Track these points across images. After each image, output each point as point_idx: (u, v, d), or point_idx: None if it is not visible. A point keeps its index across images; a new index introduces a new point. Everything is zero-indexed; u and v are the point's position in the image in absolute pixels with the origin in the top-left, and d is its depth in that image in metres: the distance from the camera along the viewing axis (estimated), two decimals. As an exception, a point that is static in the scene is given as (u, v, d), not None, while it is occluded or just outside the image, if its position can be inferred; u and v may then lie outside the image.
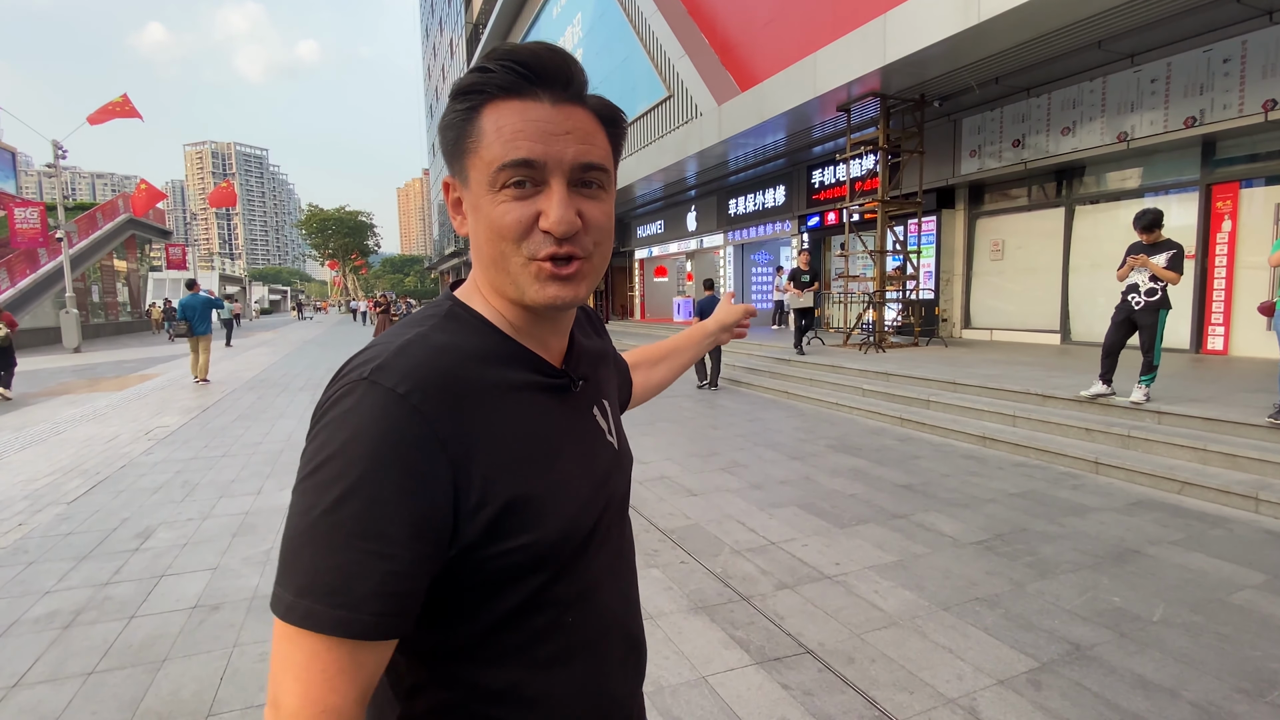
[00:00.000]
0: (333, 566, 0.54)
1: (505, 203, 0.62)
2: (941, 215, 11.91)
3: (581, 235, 0.64)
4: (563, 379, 0.72)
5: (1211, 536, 3.70)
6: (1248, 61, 7.40)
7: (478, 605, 0.63)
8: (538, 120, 0.62)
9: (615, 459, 0.78)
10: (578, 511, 0.68)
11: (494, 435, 0.62)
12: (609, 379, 0.87)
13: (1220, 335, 8.36)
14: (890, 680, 2.40)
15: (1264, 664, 2.46)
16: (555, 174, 0.62)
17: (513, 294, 0.66)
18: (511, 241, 0.63)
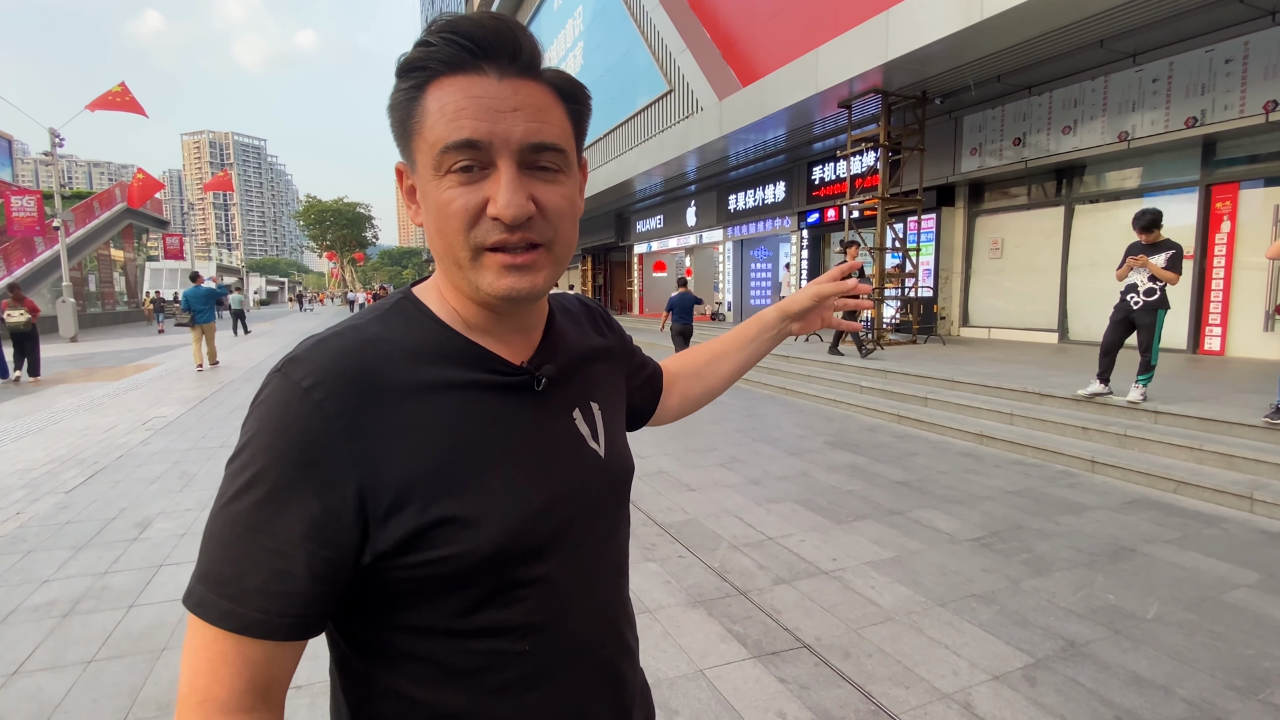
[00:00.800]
0: (228, 558, 0.53)
1: (451, 189, 0.57)
2: (941, 213, 11.91)
3: (538, 221, 0.58)
4: (521, 376, 0.65)
5: (1206, 536, 3.72)
6: (1249, 62, 7.41)
7: (407, 622, 0.60)
8: (482, 97, 0.56)
9: (598, 467, 0.70)
10: (521, 524, 0.60)
11: (415, 436, 0.57)
12: (605, 380, 0.78)
13: (1217, 336, 8.39)
14: (886, 675, 2.42)
15: (1257, 662, 2.48)
16: (502, 155, 0.57)
17: (467, 288, 0.61)
18: (459, 231, 0.57)
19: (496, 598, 0.60)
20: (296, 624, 0.54)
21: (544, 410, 0.67)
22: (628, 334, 0.91)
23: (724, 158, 14.96)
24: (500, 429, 0.62)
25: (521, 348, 0.68)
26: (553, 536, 0.63)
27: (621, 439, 0.78)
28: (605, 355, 0.81)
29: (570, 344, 0.74)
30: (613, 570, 0.73)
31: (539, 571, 0.62)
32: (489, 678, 0.61)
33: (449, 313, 0.64)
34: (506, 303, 0.61)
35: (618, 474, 0.74)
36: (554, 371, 0.67)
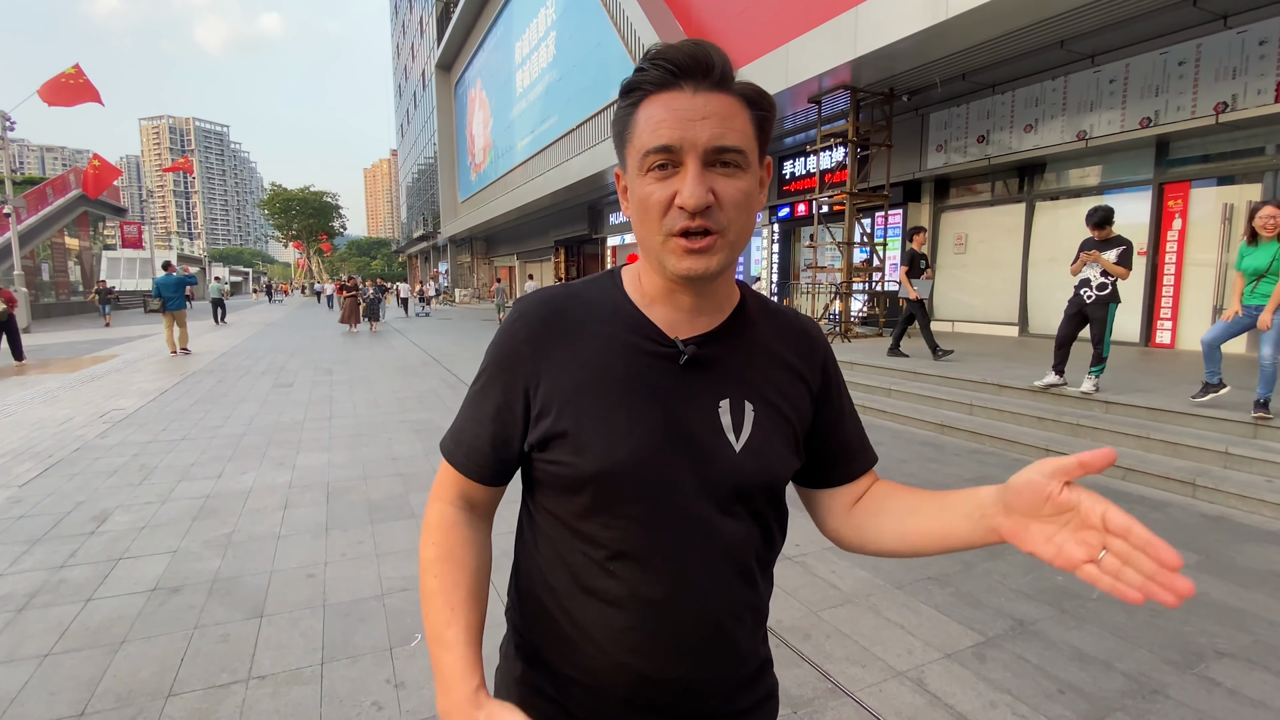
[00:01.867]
0: (460, 418, 0.85)
1: (650, 184, 0.70)
2: (908, 208, 12.13)
3: (715, 211, 0.69)
4: (667, 348, 0.77)
5: (1151, 520, 3.89)
6: (1201, 64, 7.68)
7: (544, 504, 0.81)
8: (679, 109, 0.69)
9: (724, 459, 0.75)
10: (620, 462, 0.73)
11: (569, 366, 0.77)
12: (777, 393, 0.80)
13: (1168, 329, 8.72)
14: (844, 655, 2.50)
15: (1193, 638, 2.62)
16: (690, 155, 0.69)
17: (657, 266, 0.75)
18: (655, 219, 0.71)
19: (598, 514, 0.76)
20: (481, 473, 0.83)
21: (686, 385, 0.77)
22: (841, 378, 0.90)
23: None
24: (634, 383, 0.76)
25: (688, 327, 0.79)
26: (648, 487, 0.74)
27: (775, 449, 0.78)
28: (790, 370, 0.82)
29: (750, 344, 0.82)
30: (720, 560, 0.76)
31: (632, 512, 0.74)
32: (583, 577, 0.77)
33: (635, 286, 0.81)
34: (686, 281, 0.73)
35: (750, 474, 0.76)
36: (696, 352, 0.77)
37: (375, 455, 5.30)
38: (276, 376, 9.72)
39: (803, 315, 0.90)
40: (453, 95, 41.25)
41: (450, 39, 36.65)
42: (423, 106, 49.11)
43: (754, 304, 0.85)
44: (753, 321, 0.83)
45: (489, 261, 41.94)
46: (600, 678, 0.78)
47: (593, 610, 0.76)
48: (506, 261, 37.99)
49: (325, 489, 4.45)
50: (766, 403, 0.80)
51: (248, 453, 5.37)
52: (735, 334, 0.81)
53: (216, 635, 2.60)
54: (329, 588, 3.02)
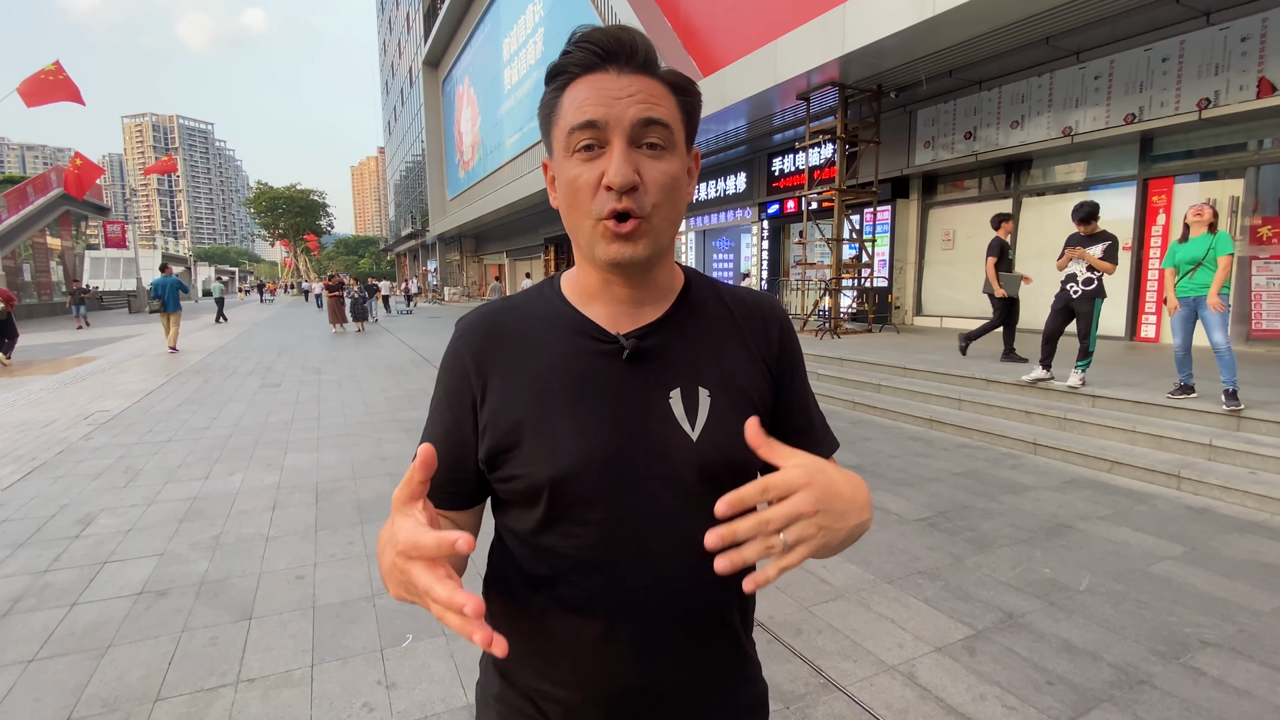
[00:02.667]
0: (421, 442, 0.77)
1: (576, 166, 0.69)
2: (896, 205, 12.18)
3: (640, 194, 0.67)
4: (610, 344, 0.75)
5: (1136, 512, 3.94)
6: (1185, 61, 7.75)
7: (505, 523, 0.79)
8: (605, 88, 0.68)
9: (683, 448, 0.72)
10: (574, 468, 0.70)
11: (512, 378, 0.75)
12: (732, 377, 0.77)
13: (1153, 323, 8.82)
14: (835, 649, 2.51)
15: (1179, 629, 2.65)
16: (615, 132, 0.67)
17: (589, 257, 0.73)
18: (584, 202, 0.69)
19: (557, 524, 0.73)
20: (439, 497, 0.76)
21: (634, 379, 0.74)
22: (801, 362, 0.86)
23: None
24: (579, 387, 0.73)
25: (631, 320, 0.77)
26: (604, 489, 0.71)
27: (736, 432, 0.69)
28: (746, 350, 0.80)
29: (698, 328, 0.79)
30: (695, 557, 0.68)
31: (592, 516, 0.72)
32: (552, 590, 0.74)
33: (573, 288, 0.79)
34: (615, 268, 0.71)
35: (710, 461, 0.73)
36: (639, 345, 0.75)
37: (364, 455, 5.27)
38: (264, 376, 9.63)
39: (760, 293, 0.86)
40: (440, 92, 41.01)
41: (437, 36, 36.43)
42: (410, 103, 48.79)
43: (702, 288, 0.83)
44: (700, 306, 0.80)
45: (478, 259, 41.76)
46: (579, 691, 0.75)
47: (565, 623, 0.74)
48: (496, 259, 37.83)
49: (314, 489, 4.42)
50: (723, 387, 0.76)
51: (235, 454, 5.32)
52: (681, 320, 0.78)
53: (205, 638, 2.58)
54: (318, 589, 3.00)
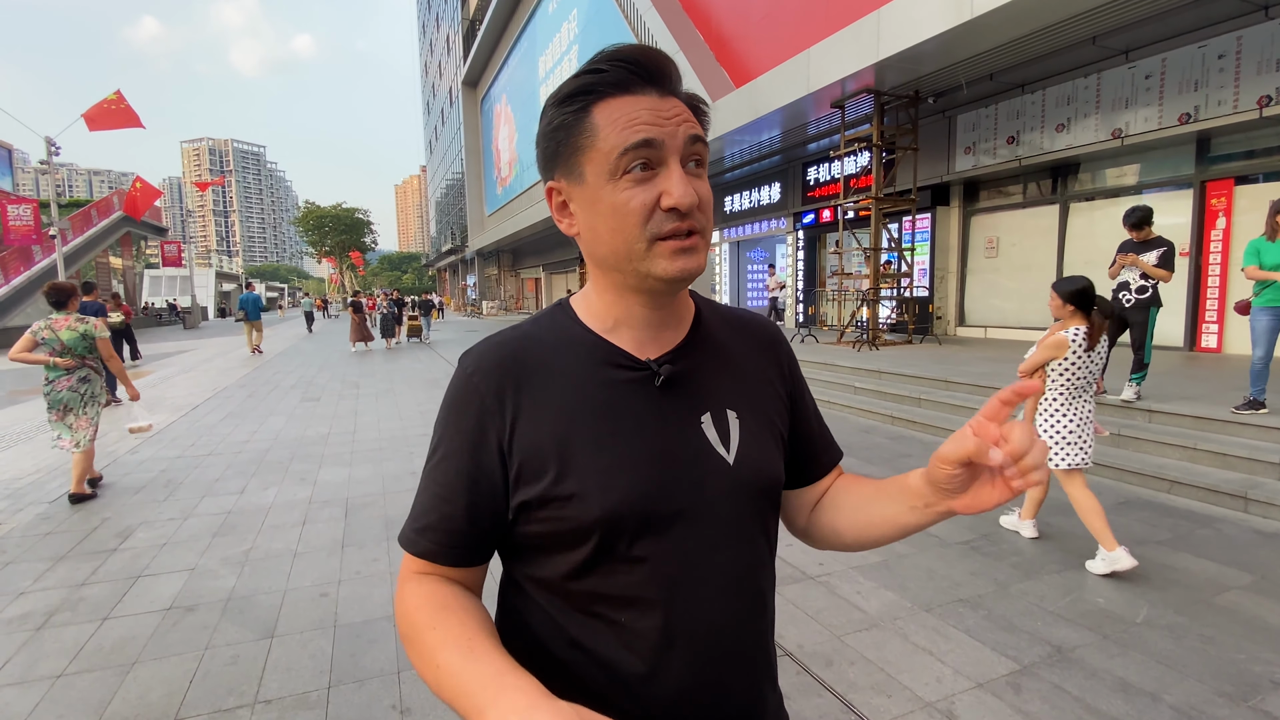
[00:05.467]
0: (419, 502, 0.73)
1: (628, 189, 0.65)
2: (936, 212, 11.87)
3: (697, 212, 0.67)
4: (642, 370, 0.72)
5: (1199, 536, 3.68)
6: (1242, 57, 7.37)
7: (532, 573, 0.73)
8: (650, 108, 0.66)
9: (722, 473, 0.72)
10: (620, 505, 0.67)
11: (543, 414, 0.69)
12: (753, 396, 0.78)
13: (1214, 333, 8.34)
14: (869, 683, 2.38)
15: (1247, 667, 2.44)
16: (672, 153, 0.66)
17: (634, 279, 0.69)
18: (638, 225, 0.65)
19: (600, 565, 0.68)
20: (459, 555, 0.71)
21: (667, 407, 0.72)
22: (802, 376, 0.89)
23: (719, 159, 14.93)
24: (615, 417, 0.70)
25: (656, 345, 0.74)
26: (653, 523, 0.68)
27: (766, 453, 0.76)
28: (760, 372, 0.81)
29: (715, 351, 0.78)
30: (735, 579, 0.73)
31: (639, 552, 0.68)
32: (592, 641, 0.69)
33: (591, 314, 0.75)
34: (676, 284, 0.68)
35: (749, 484, 0.74)
36: (672, 370, 0.72)
37: (396, 470, 5.31)
38: (305, 390, 9.86)
39: (757, 314, 0.88)
40: (479, 111, 41.90)
41: (476, 56, 37.28)
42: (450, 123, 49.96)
43: (708, 310, 0.83)
44: (713, 329, 0.80)
45: (516, 274, 42.33)
46: None
47: (603, 670, 0.69)
48: (533, 273, 38.28)
49: (344, 504, 4.46)
50: (748, 408, 0.77)
51: (271, 468, 5.42)
52: (700, 343, 0.77)
53: (227, 657, 2.58)
54: (341, 607, 2.99)
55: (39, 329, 4.42)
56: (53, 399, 4.46)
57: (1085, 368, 3.39)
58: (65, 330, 4.46)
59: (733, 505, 0.72)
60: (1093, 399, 3.50)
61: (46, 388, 4.49)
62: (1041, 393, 3.47)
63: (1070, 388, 3.40)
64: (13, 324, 22.79)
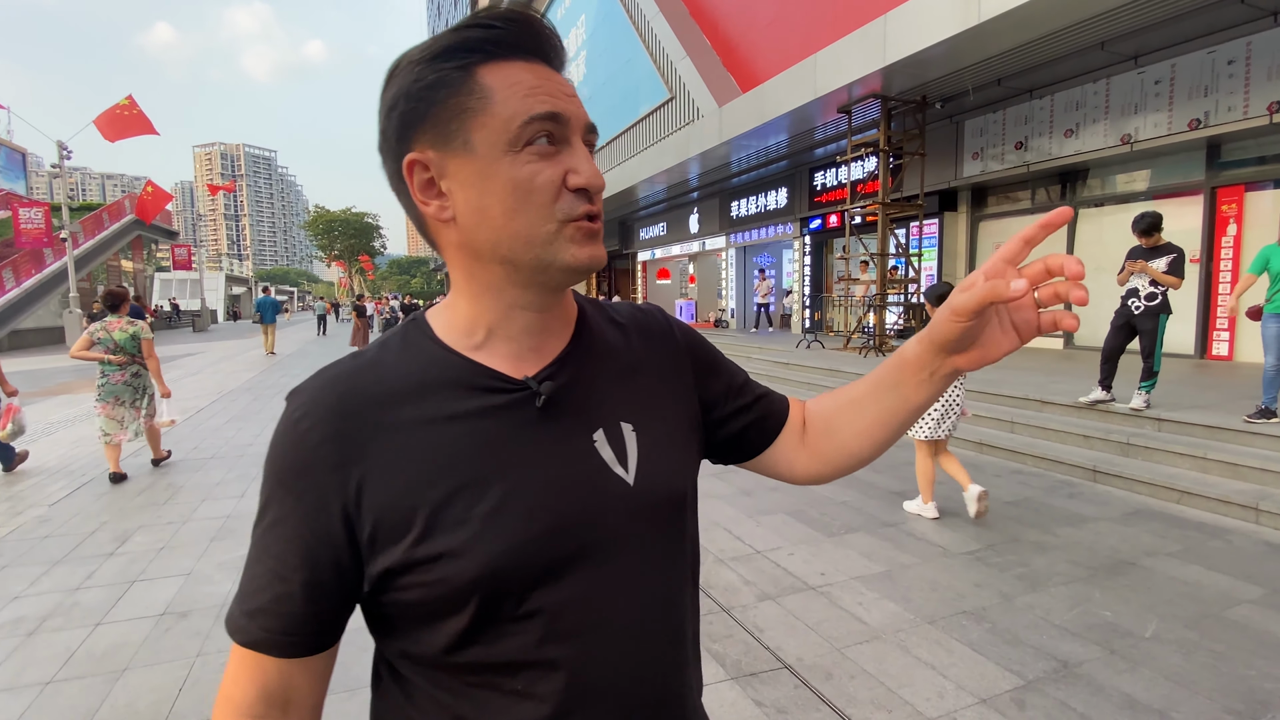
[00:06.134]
0: (248, 577, 0.59)
1: (532, 162, 0.56)
2: (944, 218, 11.80)
3: (598, 198, 0.60)
4: (518, 392, 0.61)
5: (1210, 548, 3.60)
6: (1252, 63, 7.28)
7: (405, 649, 0.61)
8: (549, 79, 0.58)
9: (622, 496, 0.62)
10: (503, 556, 0.56)
11: (397, 459, 0.57)
12: (650, 397, 0.70)
13: (1225, 340, 8.23)
14: (869, 698, 2.32)
15: (1258, 683, 2.37)
16: (575, 131, 0.59)
17: (529, 273, 0.59)
18: (546, 204, 0.57)
19: (485, 631, 0.57)
20: (298, 643, 0.58)
21: (551, 431, 0.61)
22: (713, 347, 0.81)
23: (726, 164, 14.92)
24: (488, 453, 0.59)
25: (538, 358, 0.64)
26: (546, 571, 0.58)
27: (669, 464, 0.68)
28: (655, 369, 0.72)
29: (604, 356, 0.69)
30: (650, 613, 0.64)
31: (532, 607, 0.58)
32: (484, 713, 0.59)
33: (454, 330, 0.63)
34: (580, 275, 0.60)
35: (654, 503, 0.65)
36: (554, 386, 0.62)
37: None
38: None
39: (643, 306, 0.79)
40: (487, 116, 42.11)
41: (484, 61, 37.49)
42: (458, 127, 50.20)
43: (593, 310, 0.73)
44: (599, 330, 0.70)
45: (522, 278, 42.43)
46: None
47: None
48: (539, 278, 38.37)
49: (343, 509, 4.43)
50: (645, 414, 0.68)
51: (272, 471, 5.40)
52: (586, 350, 0.67)
53: (218, 664, 2.56)
54: (336, 614, 2.96)
55: (95, 330, 4.98)
56: (106, 391, 5.04)
57: None
58: (118, 331, 5.02)
59: (639, 530, 0.63)
60: (960, 385, 4.25)
61: (101, 380, 5.06)
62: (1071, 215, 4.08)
63: None
64: (24, 326, 22.99)
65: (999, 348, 0.61)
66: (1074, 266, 0.53)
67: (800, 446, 0.80)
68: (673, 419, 0.71)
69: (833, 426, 0.77)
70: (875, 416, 0.73)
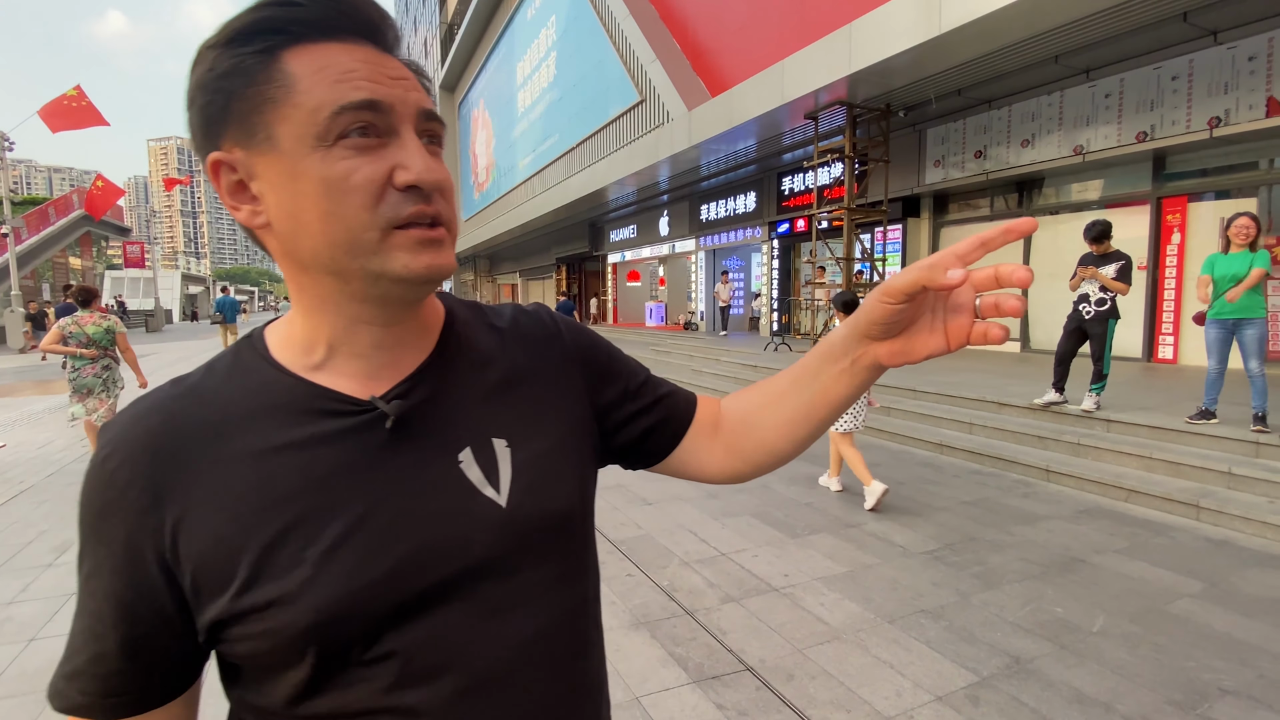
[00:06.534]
0: (70, 636, 0.53)
1: (347, 159, 0.49)
2: (907, 224, 12.05)
3: (439, 197, 0.53)
4: (364, 414, 0.54)
5: (1154, 545, 3.74)
6: (1194, 80, 7.61)
7: (250, 701, 0.55)
8: (369, 61, 0.51)
9: (493, 520, 0.56)
10: (345, 598, 0.50)
11: (219, 498, 0.51)
12: (531, 408, 0.63)
13: (1170, 344, 8.57)
14: (828, 698, 2.35)
15: (1197, 675, 2.47)
16: (405, 121, 0.51)
17: (361, 285, 0.52)
18: (365, 207, 0.49)
19: (333, 680, 0.52)
20: (126, 703, 0.52)
21: (405, 455, 0.55)
22: (609, 347, 0.74)
23: (695, 168, 15.00)
24: (326, 486, 0.52)
25: (390, 372, 0.57)
26: (401, 608, 0.52)
27: (551, 480, 0.61)
28: (538, 376, 0.66)
29: (474, 366, 0.62)
30: (536, 644, 0.58)
31: (386, 649, 0.52)
32: None
33: (291, 348, 0.57)
34: (420, 288, 0.53)
35: (532, 525, 0.58)
36: (406, 405, 0.55)
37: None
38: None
39: (527, 307, 0.72)
40: (457, 115, 41.62)
41: (454, 60, 37.05)
42: (425, 126, 49.52)
43: (465, 315, 0.66)
44: (469, 338, 0.64)
45: (492, 279, 42.04)
46: None
47: None
48: (509, 279, 38.04)
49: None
50: (523, 428, 0.61)
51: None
52: (452, 360, 0.61)
53: (164, 677, 2.47)
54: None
55: (66, 324, 5.02)
56: (78, 384, 5.06)
57: None
58: (91, 325, 5.07)
59: (515, 557, 0.57)
60: None
61: (73, 375, 5.07)
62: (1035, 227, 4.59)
63: None
64: (-37, 325, 21.90)
65: (925, 346, 0.57)
66: (1022, 274, 0.50)
67: (713, 445, 0.74)
68: (558, 430, 0.64)
69: (751, 422, 0.72)
70: (795, 409, 0.68)
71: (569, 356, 0.69)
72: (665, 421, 0.73)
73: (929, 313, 0.57)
